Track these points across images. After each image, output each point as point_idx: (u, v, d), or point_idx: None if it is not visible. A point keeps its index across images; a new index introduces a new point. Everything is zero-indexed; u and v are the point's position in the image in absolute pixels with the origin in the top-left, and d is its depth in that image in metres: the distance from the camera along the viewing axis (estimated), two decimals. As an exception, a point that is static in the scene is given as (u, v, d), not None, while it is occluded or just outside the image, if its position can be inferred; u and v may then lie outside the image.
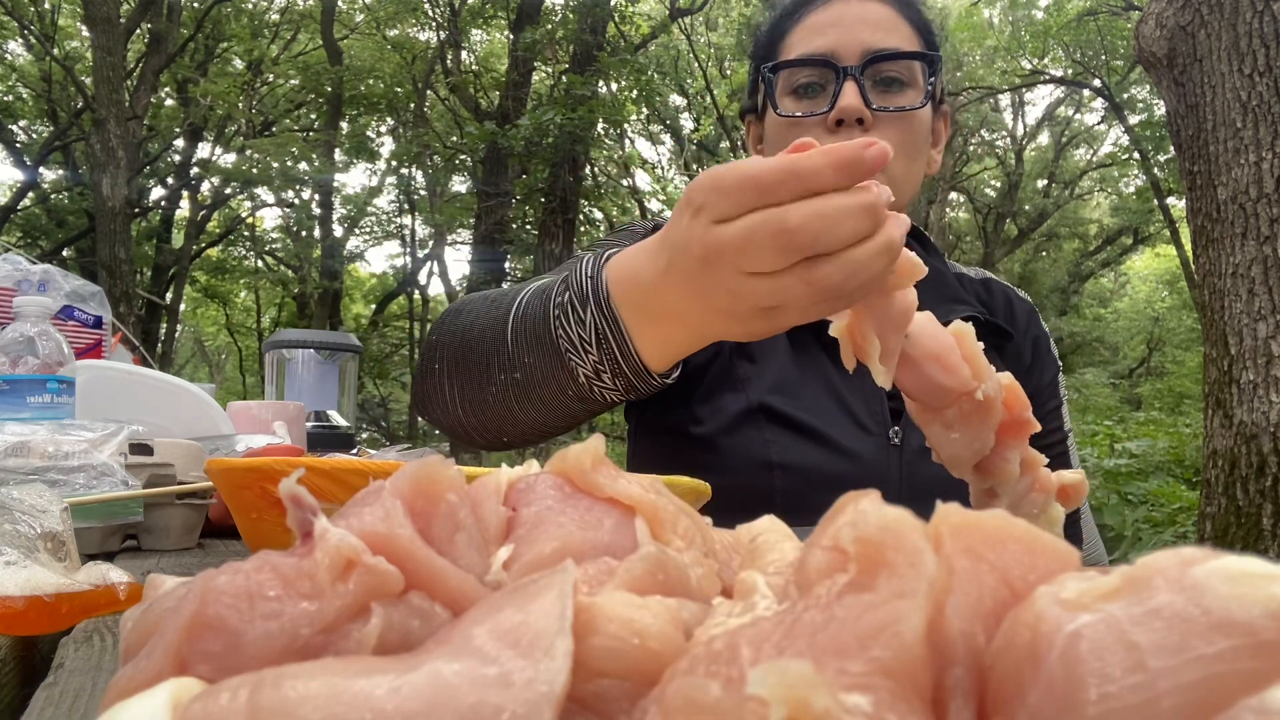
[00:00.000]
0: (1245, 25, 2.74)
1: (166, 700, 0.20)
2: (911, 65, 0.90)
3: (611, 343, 0.63)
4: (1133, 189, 13.92)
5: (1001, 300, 1.05)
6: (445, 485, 0.28)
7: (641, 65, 8.98)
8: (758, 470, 0.87)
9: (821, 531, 0.25)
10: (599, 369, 0.65)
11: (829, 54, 0.89)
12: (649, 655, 0.22)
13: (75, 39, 12.06)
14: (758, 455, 0.87)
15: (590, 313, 0.63)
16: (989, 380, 0.52)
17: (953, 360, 0.52)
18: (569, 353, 0.66)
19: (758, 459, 0.87)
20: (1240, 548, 2.70)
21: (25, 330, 0.97)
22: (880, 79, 0.90)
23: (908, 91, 0.90)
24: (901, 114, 0.89)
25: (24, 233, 11.79)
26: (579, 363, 0.65)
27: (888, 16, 0.91)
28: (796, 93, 0.92)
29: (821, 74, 0.90)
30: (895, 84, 0.90)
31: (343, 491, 0.56)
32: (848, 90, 0.87)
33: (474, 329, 0.75)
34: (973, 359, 0.52)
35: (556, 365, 0.67)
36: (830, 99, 0.88)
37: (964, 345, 0.53)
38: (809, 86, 0.91)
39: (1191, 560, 0.19)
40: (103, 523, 0.77)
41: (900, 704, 0.17)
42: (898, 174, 0.90)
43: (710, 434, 0.90)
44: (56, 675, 0.41)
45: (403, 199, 13.57)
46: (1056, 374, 1.04)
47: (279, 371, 1.96)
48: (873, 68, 0.89)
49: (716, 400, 0.92)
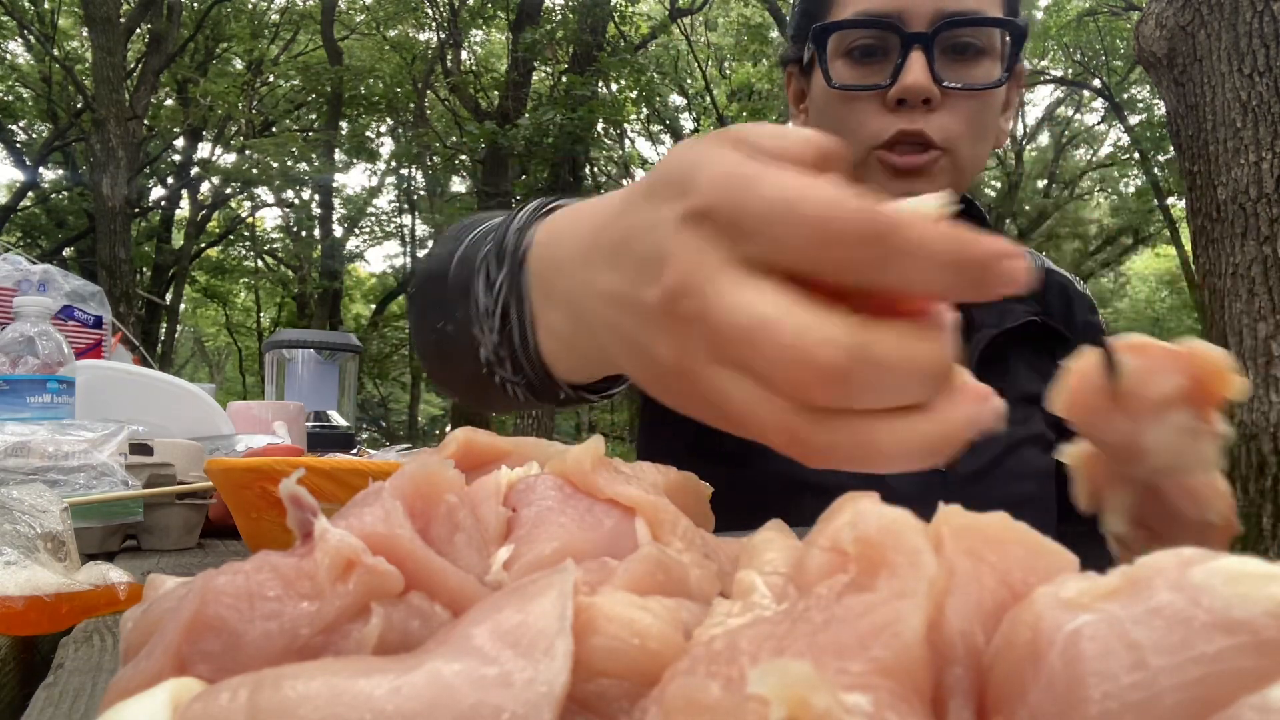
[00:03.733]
0: (1245, 25, 2.74)
1: (166, 700, 0.20)
2: (991, 30, 0.76)
3: (514, 324, 0.46)
4: (1133, 189, 13.92)
5: (1057, 294, 0.91)
6: (445, 486, 0.28)
7: (641, 65, 8.99)
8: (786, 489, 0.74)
9: (821, 532, 0.25)
10: (499, 353, 0.48)
11: (896, 14, 0.74)
12: (649, 655, 0.21)
13: (75, 39, 12.06)
14: (785, 473, 0.75)
15: (502, 274, 0.46)
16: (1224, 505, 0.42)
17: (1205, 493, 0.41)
18: (476, 321, 0.49)
19: (785, 477, 0.76)
20: (1240, 548, 2.70)
21: (25, 330, 0.97)
22: (954, 46, 0.75)
23: (983, 62, 0.76)
24: (975, 92, 0.75)
25: (24, 233, 11.80)
26: (481, 336, 0.49)
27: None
28: (851, 55, 0.77)
29: (883, 37, 0.75)
30: (970, 51, 0.76)
31: (343, 491, 0.56)
32: (914, 64, 0.73)
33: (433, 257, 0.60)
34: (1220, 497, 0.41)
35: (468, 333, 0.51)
36: (892, 70, 0.74)
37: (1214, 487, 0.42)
38: (869, 50, 0.76)
39: (1191, 560, 0.19)
40: (103, 523, 0.77)
41: (900, 703, 0.17)
42: (966, 157, 0.77)
43: (733, 450, 0.77)
44: (56, 675, 0.41)
45: (402, 199, 13.58)
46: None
47: (279, 371, 1.96)
48: (947, 34, 0.74)
49: None
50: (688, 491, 0.35)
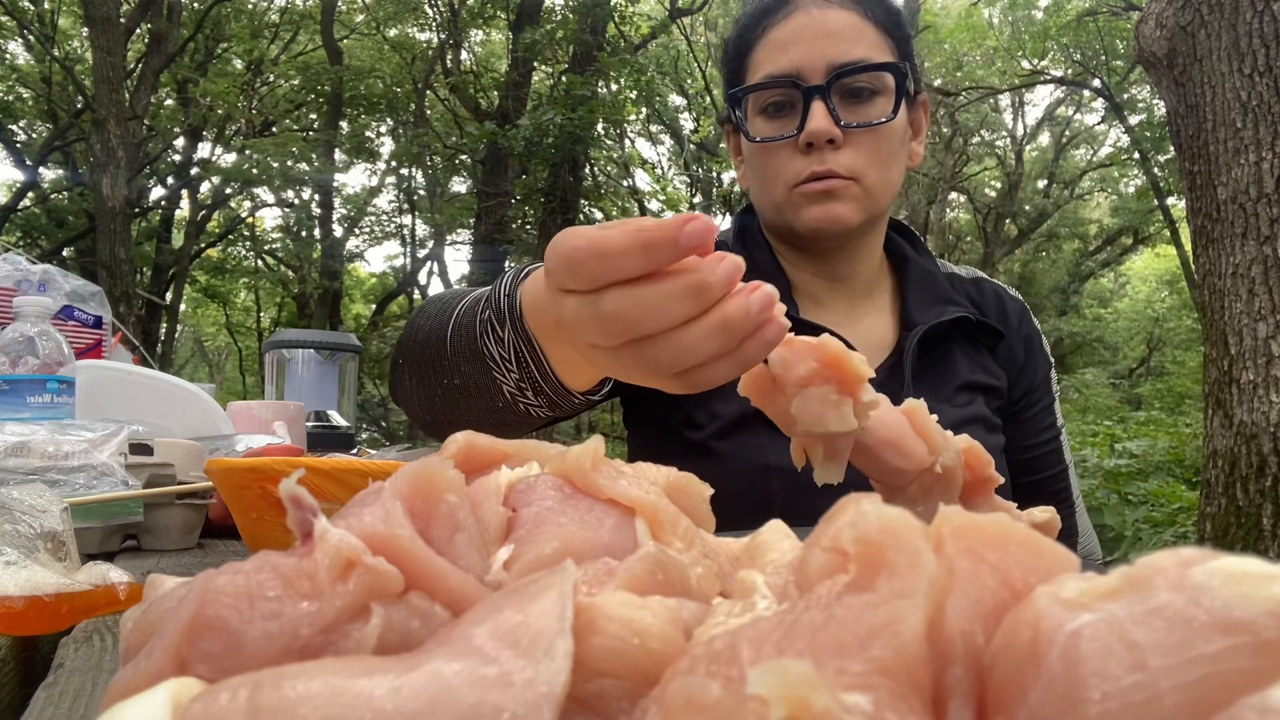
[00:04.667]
0: (1245, 25, 2.74)
1: (166, 700, 0.20)
2: (880, 73, 0.88)
3: (529, 362, 0.62)
4: (1133, 189, 13.93)
5: (993, 299, 1.05)
6: (445, 486, 0.28)
7: (641, 65, 8.98)
8: (755, 474, 0.87)
9: (822, 532, 0.25)
10: (521, 386, 0.65)
11: (794, 73, 0.87)
12: (649, 655, 0.22)
13: (75, 39, 12.07)
14: (754, 459, 0.88)
15: (508, 332, 0.62)
16: (947, 450, 0.52)
17: (907, 443, 0.51)
18: (494, 369, 0.65)
19: (754, 463, 0.87)
20: (1240, 548, 2.70)
21: (25, 330, 0.97)
22: (849, 91, 0.88)
23: (878, 100, 0.89)
24: (873, 128, 0.88)
25: (24, 233, 11.79)
26: (502, 378, 0.65)
27: (851, 24, 0.88)
28: (767, 112, 0.91)
29: (788, 93, 0.89)
30: (865, 94, 0.88)
31: (343, 491, 0.56)
32: (816, 112, 0.86)
33: (423, 331, 0.76)
34: (927, 433, 0.52)
35: (486, 378, 0.67)
36: (800, 119, 0.87)
37: (916, 421, 0.52)
38: (779, 105, 0.90)
39: (1191, 560, 0.19)
40: (103, 523, 0.77)
41: (900, 703, 0.17)
42: (873, 182, 0.89)
43: (707, 439, 0.91)
44: (56, 675, 0.41)
45: (402, 199, 13.58)
46: (1049, 371, 1.05)
47: (279, 371, 1.96)
48: (840, 82, 0.87)
49: (712, 406, 0.92)
50: (688, 492, 0.35)
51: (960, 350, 0.97)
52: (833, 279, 0.98)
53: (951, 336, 0.97)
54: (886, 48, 0.90)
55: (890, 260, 1.03)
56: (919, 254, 1.03)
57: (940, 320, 0.94)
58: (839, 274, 0.97)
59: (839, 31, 0.88)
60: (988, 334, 0.99)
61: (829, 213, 0.88)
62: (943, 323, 0.94)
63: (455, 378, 0.70)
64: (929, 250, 1.07)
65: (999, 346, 1.01)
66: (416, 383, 0.77)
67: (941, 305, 0.97)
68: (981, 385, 0.97)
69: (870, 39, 0.89)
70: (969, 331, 0.98)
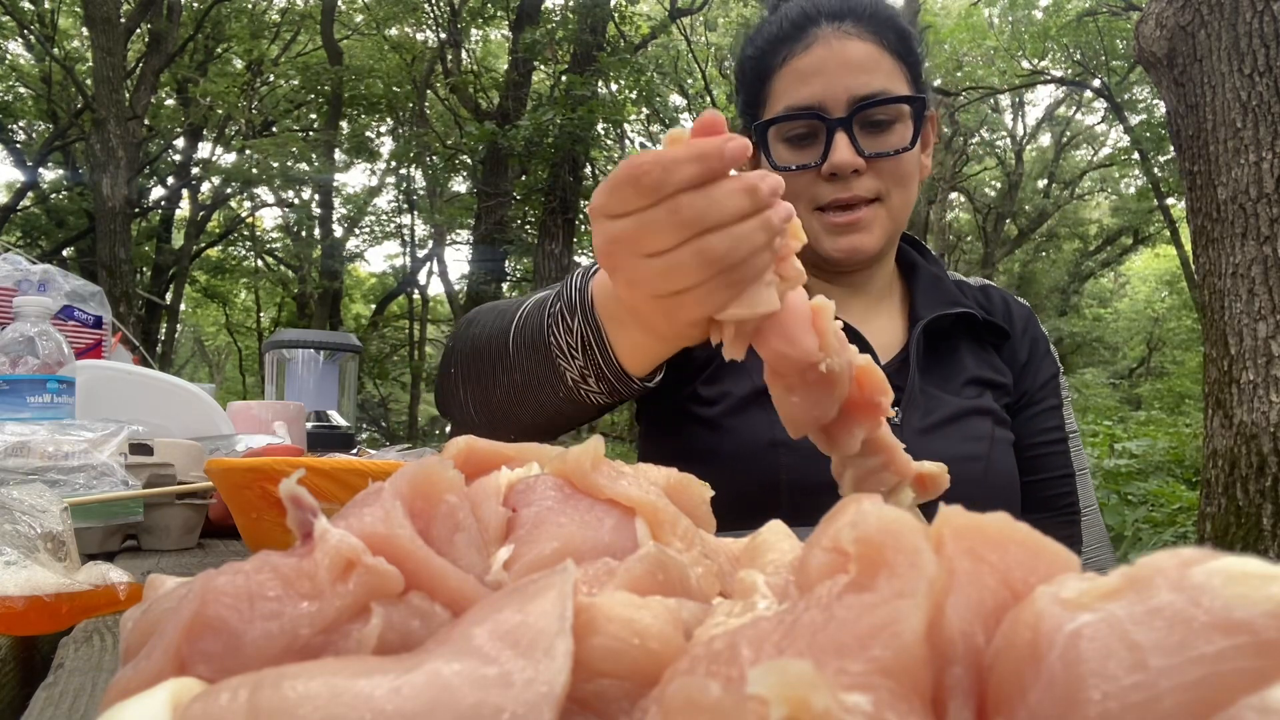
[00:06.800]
0: (1245, 25, 2.74)
1: (166, 700, 0.20)
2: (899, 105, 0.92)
3: (594, 349, 0.70)
4: (1133, 189, 13.93)
5: (1000, 304, 1.09)
6: (445, 486, 0.28)
7: (641, 65, 8.98)
8: (763, 449, 0.91)
9: (822, 532, 0.25)
10: (584, 373, 0.72)
11: (816, 105, 0.91)
12: (649, 655, 0.21)
13: (75, 39, 12.06)
14: (763, 435, 0.91)
15: (577, 321, 0.70)
16: (837, 356, 0.54)
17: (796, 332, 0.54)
18: (559, 358, 0.73)
19: (763, 438, 0.91)
20: (1240, 548, 2.70)
21: (25, 330, 0.97)
22: (870, 122, 0.91)
23: (896, 129, 0.92)
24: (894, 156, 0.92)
25: (24, 233, 11.79)
26: (567, 366, 0.73)
27: (869, 55, 0.91)
28: (790, 142, 0.94)
29: (811, 125, 0.92)
30: (885, 124, 0.92)
31: (343, 491, 0.56)
32: (839, 144, 0.89)
33: (482, 337, 0.83)
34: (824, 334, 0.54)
35: (549, 369, 0.74)
36: (823, 148, 0.91)
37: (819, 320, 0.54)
38: (801, 136, 0.93)
39: (1191, 560, 0.19)
40: (103, 523, 0.77)
41: (900, 703, 0.17)
42: (895, 203, 0.94)
43: (717, 416, 0.95)
44: (56, 675, 0.41)
45: (402, 199, 13.57)
46: (1056, 374, 1.07)
47: (279, 371, 1.96)
48: (861, 114, 0.90)
49: (723, 384, 0.96)
50: (688, 492, 0.35)
51: (967, 347, 1.01)
52: (847, 286, 1.03)
53: (959, 334, 1.01)
54: (902, 75, 0.94)
55: (900, 267, 1.08)
56: (927, 261, 1.08)
57: (947, 312, 0.98)
58: (854, 283, 1.02)
59: (859, 63, 0.91)
60: (993, 333, 1.03)
61: (853, 244, 0.93)
62: (949, 316, 0.98)
63: (516, 373, 0.77)
64: (937, 259, 1.11)
65: (1004, 346, 1.05)
66: (473, 387, 0.83)
67: (949, 306, 1.01)
68: (988, 381, 1.01)
69: (887, 68, 0.92)
70: (975, 330, 1.02)
